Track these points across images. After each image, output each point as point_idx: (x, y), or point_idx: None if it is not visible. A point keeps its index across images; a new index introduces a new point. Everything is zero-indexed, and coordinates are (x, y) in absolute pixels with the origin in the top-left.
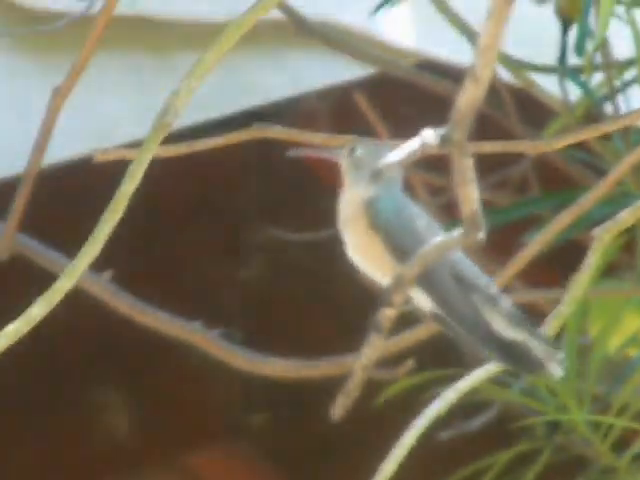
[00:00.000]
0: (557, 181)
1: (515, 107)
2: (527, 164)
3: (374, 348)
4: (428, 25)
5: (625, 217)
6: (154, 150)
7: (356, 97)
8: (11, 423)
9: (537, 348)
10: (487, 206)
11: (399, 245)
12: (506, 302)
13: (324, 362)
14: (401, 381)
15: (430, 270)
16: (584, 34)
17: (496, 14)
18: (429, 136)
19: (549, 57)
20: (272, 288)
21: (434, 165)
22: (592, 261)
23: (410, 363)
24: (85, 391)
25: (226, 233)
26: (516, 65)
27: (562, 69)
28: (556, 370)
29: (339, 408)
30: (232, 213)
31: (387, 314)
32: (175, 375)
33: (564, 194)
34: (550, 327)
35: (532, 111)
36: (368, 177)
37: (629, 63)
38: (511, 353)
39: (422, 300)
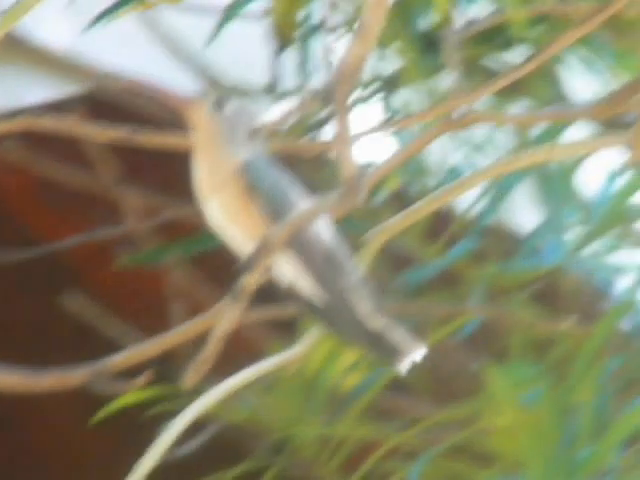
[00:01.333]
0: None
1: None
2: None
3: (231, 316)
4: (137, 46)
5: (396, 222)
6: None
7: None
8: None
9: (397, 338)
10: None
11: (277, 211)
12: (369, 290)
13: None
14: (129, 394)
15: (304, 237)
16: (305, 58)
17: None
18: (309, 94)
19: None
20: None
21: (150, 184)
22: (365, 260)
23: (149, 374)
24: None
25: None
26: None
27: (273, 92)
28: (403, 368)
29: (192, 376)
30: None
31: (248, 281)
32: None
33: None
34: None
35: None
36: (242, 138)
37: None
38: (372, 339)
39: (284, 270)
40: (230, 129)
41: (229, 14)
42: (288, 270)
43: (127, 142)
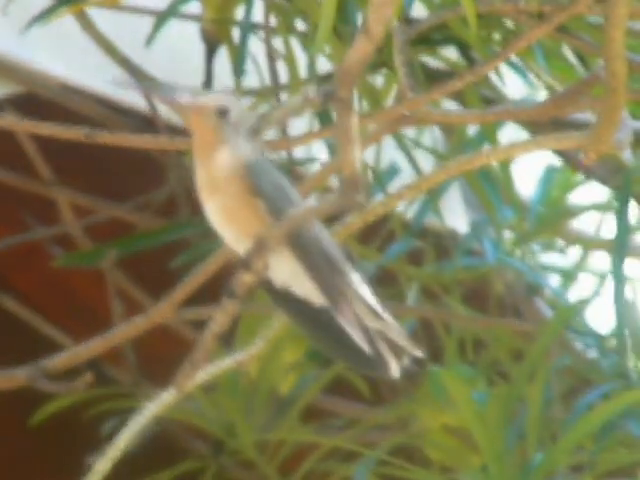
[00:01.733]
0: None
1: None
2: (174, 186)
3: (226, 315)
4: (75, 51)
5: (347, 225)
6: None
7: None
8: None
9: (395, 339)
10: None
11: (280, 210)
12: (367, 290)
13: None
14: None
15: (303, 235)
16: (242, 58)
17: None
18: (311, 92)
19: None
20: None
21: (80, 186)
22: None
23: (88, 376)
24: None
25: None
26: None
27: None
28: (396, 372)
29: (184, 378)
30: None
31: (244, 279)
32: None
33: None
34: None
35: None
36: (245, 136)
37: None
38: (369, 339)
39: (279, 271)
40: (232, 130)
41: (166, 14)
42: (284, 269)
43: (84, 140)
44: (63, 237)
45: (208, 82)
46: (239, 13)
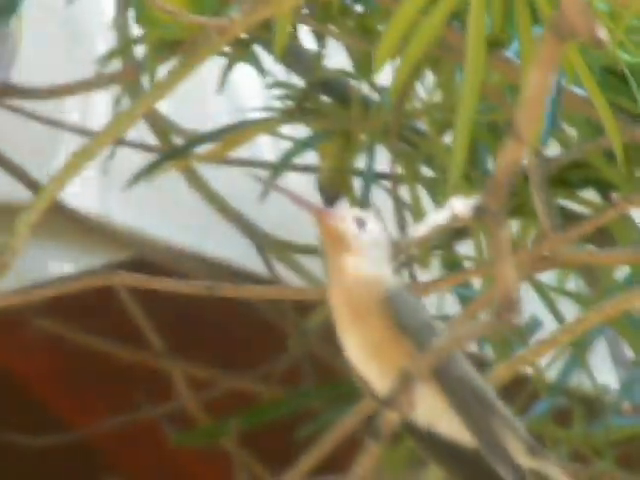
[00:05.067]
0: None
1: None
2: (296, 353)
3: (371, 456)
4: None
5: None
6: None
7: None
8: None
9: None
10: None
11: (426, 344)
12: (522, 428)
13: None
14: None
15: (450, 368)
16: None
17: (544, 59)
18: (460, 206)
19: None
20: None
21: (197, 357)
22: None
23: None
24: None
25: None
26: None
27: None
28: None
29: None
30: None
31: (389, 418)
32: None
33: (339, 386)
34: None
35: None
36: (384, 261)
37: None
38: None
39: (424, 408)
40: (372, 250)
41: (280, 166)
42: (429, 407)
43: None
44: (173, 414)
45: None
46: (358, 162)
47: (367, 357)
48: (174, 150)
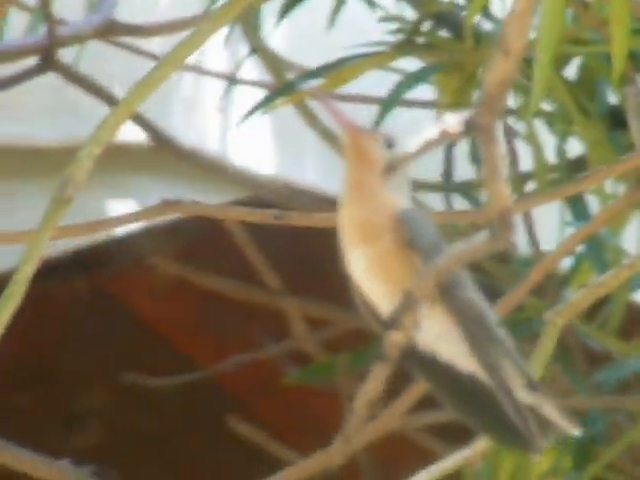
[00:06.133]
0: None
1: None
2: None
3: (378, 381)
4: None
5: (578, 299)
6: (54, 228)
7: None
8: None
9: (550, 415)
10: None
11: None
12: (525, 363)
13: None
14: None
15: (454, 290)
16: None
17: None
18: (451, 122)
19: (433, 172)
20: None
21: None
22: (547, 346)
23: None
24: None
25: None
26: None
27: (448, 185)
28: (572, 429)
29: (338, 456)
30: (67, 376)
31: (394, 339)
32: None
33: None
34: None
35: None
36: (404, 184)
37: (526, 177)
38: (521, 412)
39: (426, 331)
40: (393, 171)
41: (391, 100)
42: (432, 328)
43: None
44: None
45: (448, 171)
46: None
47: (374, 277)
48: (286, 85)
